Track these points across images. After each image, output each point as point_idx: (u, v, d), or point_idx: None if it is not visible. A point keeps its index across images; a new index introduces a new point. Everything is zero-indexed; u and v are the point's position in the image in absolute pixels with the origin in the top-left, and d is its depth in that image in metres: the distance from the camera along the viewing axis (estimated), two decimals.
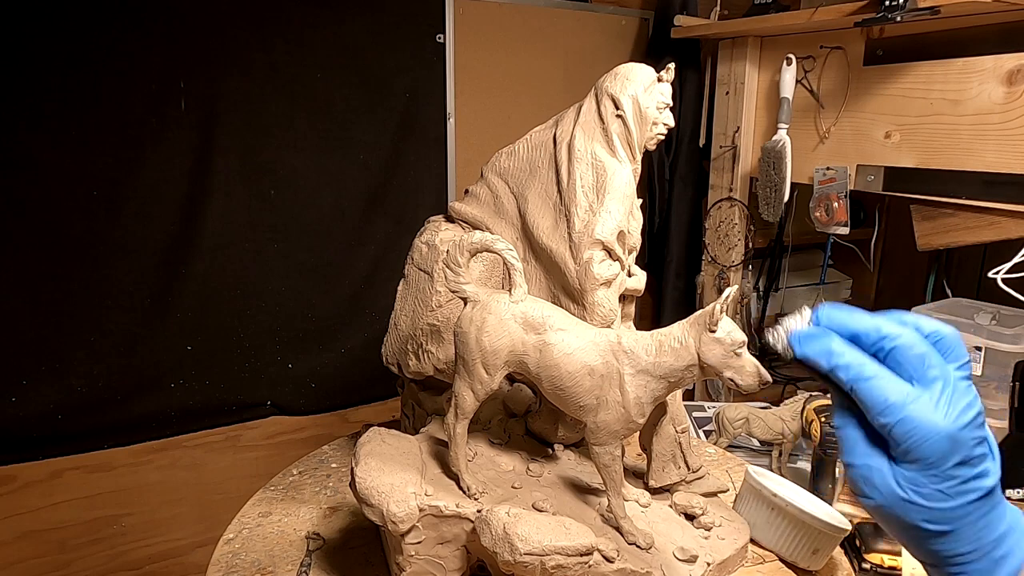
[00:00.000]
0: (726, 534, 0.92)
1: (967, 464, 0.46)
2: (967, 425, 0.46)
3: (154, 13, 1.60)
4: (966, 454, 0.46)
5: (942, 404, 0.46)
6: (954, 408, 0.46)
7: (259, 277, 1.84)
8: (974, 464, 0.46)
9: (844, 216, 1.73)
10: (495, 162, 1.04)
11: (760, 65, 1.96)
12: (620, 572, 0.77)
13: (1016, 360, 1.38)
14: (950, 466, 0.46)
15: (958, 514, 0.46)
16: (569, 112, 0.98)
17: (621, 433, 0.79)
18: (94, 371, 1.68)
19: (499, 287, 1.01)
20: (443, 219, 1.11)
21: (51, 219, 1.58)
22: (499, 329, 0.79)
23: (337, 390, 2.00)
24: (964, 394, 0.47)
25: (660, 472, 0.96)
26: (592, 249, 0.91)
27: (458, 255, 0.81)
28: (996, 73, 1.44)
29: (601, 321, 0.92)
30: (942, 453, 0.46)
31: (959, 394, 0.47)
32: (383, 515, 0.76)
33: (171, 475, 1.87)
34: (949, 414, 0.46)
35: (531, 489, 0.89)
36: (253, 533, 0.99)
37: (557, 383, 0.79)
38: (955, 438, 0.45)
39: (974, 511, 0.46)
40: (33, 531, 1.72)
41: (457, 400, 0.82)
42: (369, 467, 0.79)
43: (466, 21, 1.99)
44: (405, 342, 1.05)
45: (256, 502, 1.08)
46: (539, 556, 0.71)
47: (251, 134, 1.75)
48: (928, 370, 0.47)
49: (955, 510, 0.46)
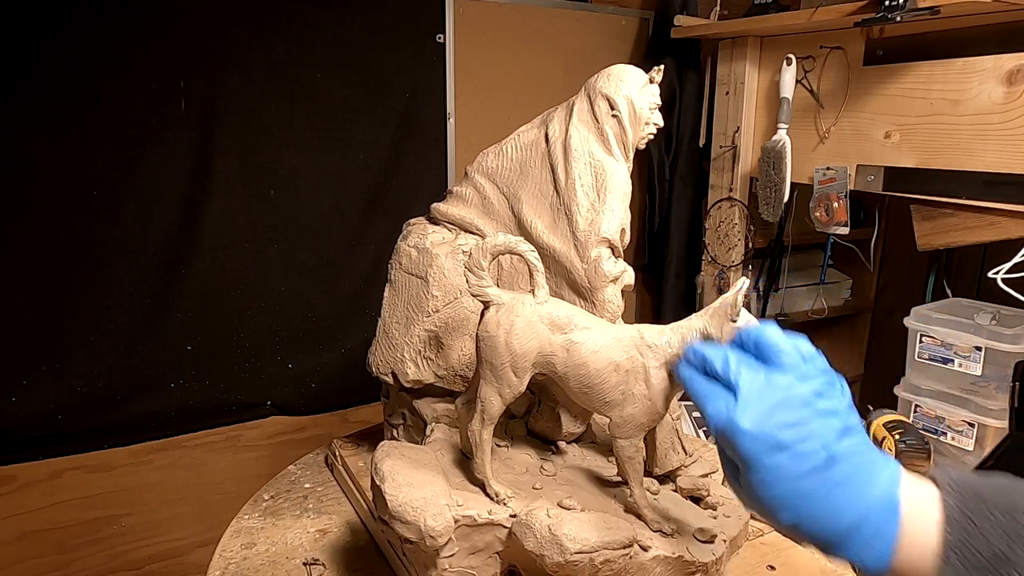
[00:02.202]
0: (731, 511, 0.94)
1: (782, 450, 0.49)
2: (770, 415, 0.50)
3: (154, 13, 1.60)
4: (775, 442, 0.49)
5: (742, 403, 0.51)
6: (752, 404, 0.51)
7: (259, 277, 1.84)
8: (789, 447, 0.49)
9: (844, 216, 1.73)
10: (481, 162, 1.04)
11: (760, 65, 1.96)
12: (655, 559, 0.79)
13: (1016, 360, 1.38)
14: (766, 457, 0.49)
15: (794, 498, 0.49)
16: (558, 112, 0.98)
17: (647, 425, 0.80)
18: (94, 371, 1.68)
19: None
20: (426, 221, 1.10)
21: (51, 219, 1.58)
22: (527, 331, 0.79)
23: (337, 390, 2.00)
24: (765, 387, 0.51)
25: (664, 459, 0.98)
26: (599, 247, 0.92)
27: (481, 258, 0.81)
28: (996, 73, 1.44)
29: (610, 317, 0.93)
30: (752, 448, 0.50)
31: (758, 390, 0.51)
32: (420, 531, 0.74)
33: (171, 475, 1.87)
34: (749, 412, 0.50)
35: (551, 488, 0.89)
36: (241, 568, 0.94)
37: (585, 381, 0.79)
38: (758, 430, 0.49)
39: (811, 493, 0.49)
40: (33, 531, 1.72)
41: (484, 405, 0.81)
42: (397, 483, 0.78)
43: (466, 21, 1.99)
44: (400, 350, 1.04)
45: (234, 533, 1.02)
46: (588, 554, 0.72)
47: (251, 134, 1.75)
48: (729, 376, 0.53)
49: (787, 495, 0.49)
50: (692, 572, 0.83)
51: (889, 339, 2.60)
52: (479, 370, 0.83)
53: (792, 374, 0.52)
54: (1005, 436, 1.37)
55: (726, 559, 0.88)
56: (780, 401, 0.51)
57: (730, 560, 0.92)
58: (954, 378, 1.66)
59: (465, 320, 1.00)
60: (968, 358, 1.62)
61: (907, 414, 1.72)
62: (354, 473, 1.12)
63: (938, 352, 1.68)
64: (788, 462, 0.49)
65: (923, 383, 1.73)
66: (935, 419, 1.68)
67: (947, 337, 1.65)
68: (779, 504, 0.50)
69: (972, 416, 1.61)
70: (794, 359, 0.53)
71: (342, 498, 1.13)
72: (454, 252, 1.02)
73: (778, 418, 0.50)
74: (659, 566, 0.80)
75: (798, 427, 0.50)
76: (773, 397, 0.51)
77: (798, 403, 0.51)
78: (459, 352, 1.00)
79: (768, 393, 0.51)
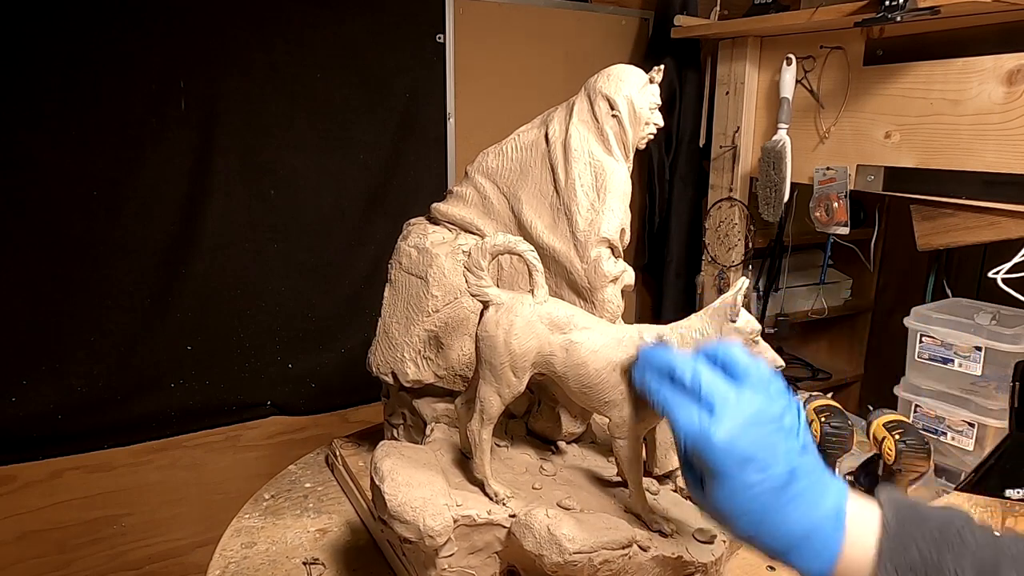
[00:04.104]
0: None
1: (749, 464, 0.51)
2: (741, 432, 0.52)
3: (154, 13, 1.60)
4: (743, 456, 0.51)
5: (716, 418, 0.52)
6: (725, 419, 0.52)
7: (259, 277, 1.84)
8: (757, 463, 0.51)
9: (844, 216, 1.73)
10: (481, 162, 1.04)
11: (760, 65, 1.96)
12: (655, 559, 0.79)
13: (1016, 360, 1.37)
14: (733, 471, 0.51)
15: (754, 511, 0.52)
16: (558, 111, 0.98)
17: (646, 425, 0.80)
18: (94, 371, 1.68)
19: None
20: (426, 221, 1.10)
21: (51, 219, 1.58)
22: (527, 331, 0.79)
23: (337, 390, 2.00)
24: (737, 404, 0.53)
25: (663, 459, 0.98)
26: (599, 247, 0.92)
27: (480, 258, 0.81)
28: (996, 73, 1.44)
29: (610, 317, 0.93)
30: (721, 462, 0.52)
31: (730, 406, 0.53)
32: (419, 531, 0.75)
33: (171, 475, 1.87)
34: (722, 426, 0.52)
35: (551, 488, 0.89)
36: (241, 567, 0.94)
37: (584, 381, 0.79)
38: (729, 445, 0.51)
39: (770, 506, 0.51)
40: (33, 531, 1.72)
41: (483, 405, 0.81)
42: (396, 483, 0.78)
43: (466, 21, 1.99)
44: (400, 350, 1.04)
45: (234, 532, 1.02)
46: (587, 554, 0.72)
47: (251, 134, 1.75)
48: (703, 390, 0.54)
49: (749, 507, 0.52)
50: (691, 572, 0.83)
51: (889, 339, 2.60)
52: (478, 370, 0.83)
53: (762, 394, 0.54)
54: (1005, 436, 1.37)
55: (725, 559, 0.88)
56: (751, 418, 0.53)
57: (729, 560, 0.92)
58: (954, 378, 1.66)
59: (465, 320, 1.00)
60: (968, 358, 1.62)
61: (907, 414, 1.72)
62: (354, 473, 1.12)
63: (938, 352, 1.68)
64: (755, 477, 0.51)
65: (923, 383, 1.73)
66: (935, 419, 1.68)
67: (947, 337, 1.65)
68: (739, 514, 0.52)
69: (972, 416, 1.61)
70: (761, 379, 0.55)
71: (342, 498, 1.13)
72: (454, 252, 1.02)
73: (750, 435, 0.52)
74: (658, 566, 0.80)
75: (767, 445, 0.52)
76: (744, 414, 0.53)
77: (767, 421, 0.53)
78: (459, 352, 1.00)
79: (740, 410, 0.53)
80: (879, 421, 1.23)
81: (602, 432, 1.06)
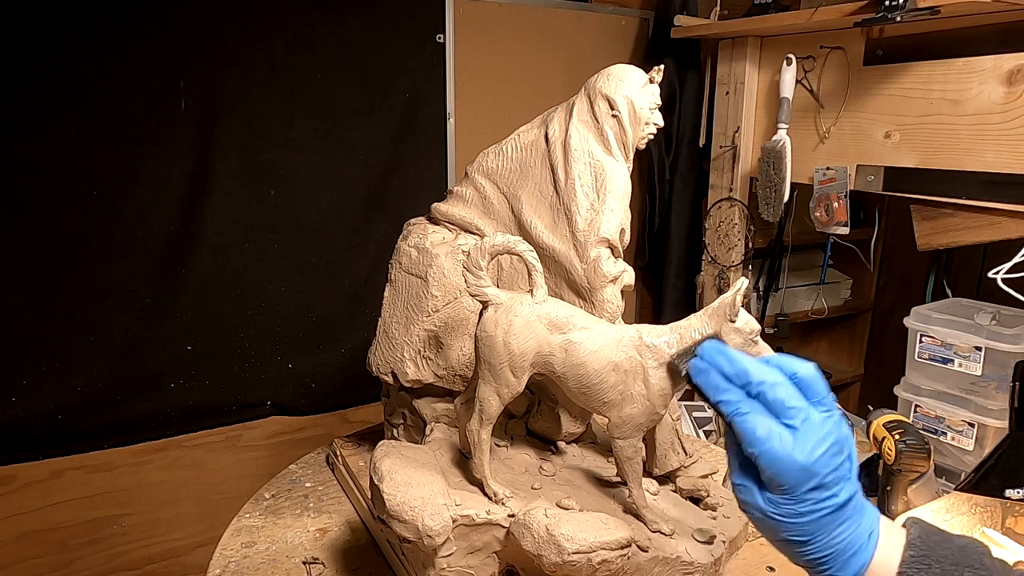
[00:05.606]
0: (730, 512, 0.94)
1: (820, 488, 0.54)
2: (820, 457, 0.54)
3: (154, 13, 1.60)
4: (819, 481, 0.54)
5: (799, 440, 0.54)
6: (808, 443, 0.54)
7: (259, 277, 1.84)
8: (828, 487, 0.54)
9: (844, 216, 1.73)
10: (481, 162, 1.04)
11: (760, 65, 1.96)
12: (653, 560, 0.79)
13: (1016, 360, 1.37)
14: (804, 491, 0.54)
15: (812, 528, 0.55)
16: (558, 111, 0.98)
17: (645, 425, 0.81)
18: (94, 371, 1.68)
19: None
20: (426, 221, 1.10)
21: (51, 219, 1.58)
22: (526, 331, 0.79)
23: (337, 390, 2.00)
24: (819, 428, 0.54)
25: (663, 460, 0.98)
26: (599, 247, 0.92)
27: (479, 258, 0.81)
28: (996, 73, 1.44)
29: (610, 317, 0.93)
30: (796, 481, 0.54)
31: (814, 429, 0.54)
32: (418, 530, 0.75)
33: (171, 475, 1.87)
34: (804, 449, 0.53)
35: (550, 488, 0.89)
36: (241, 566, 0.94)
37: (583, 381, 0.79)
38: (808, 469, 0.53)
39: (826, 524, 0.55)
40: (33, 531, 1.72)
41: (482, 405, 0.81)
42: (395, 482, 0.78)
43: (466, 21, 1.99)
44: (400, 350, 1.04)
45: (234, 532, 1.02)
46: (586, 554, 0.72)
47: (251, 134, 1.75)
48: (788, 409, 0.55)
49: (808, 524, 0.55)
50: (691, 573, 0.83)
51: (889, 339, 2.60)
52: (478, 370, 0.83)
53: (832, 418, 0.56)
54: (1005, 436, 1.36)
55: (725, 560, 0.89)
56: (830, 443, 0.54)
57: (729, 561, 0.92)
58: (954, 378, 1.66)
59: (465, 320, 1.00)
60: (968, 358, 1.62)
61: (907, 414, 1.72)
62: (354, 472, 1.12)
63: (938, 352, 1.68)
64: (823, 497, 0.54)
65: (923, 383, 1.73)
66: (935, 419, 1.69)
67: (947, 337, 1.65)
68: (794, 527, 0.55)
69: (972, 416, 1.61)
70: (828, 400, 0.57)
71: (342, 497, 1.13)
72: (454, 252, 1.02)
73: (827, 461, 0.54)
74: (657, 566, 0.80)
75: (838, 469, 0.55)
76: (823, 438, 0.54)
77: (837, 448, 0.55)
78: (458, 352, 1.00)
79: (819, 433, 0.55)
80: (879, 421, 1.23)
81: (602, 432, 1.06)
